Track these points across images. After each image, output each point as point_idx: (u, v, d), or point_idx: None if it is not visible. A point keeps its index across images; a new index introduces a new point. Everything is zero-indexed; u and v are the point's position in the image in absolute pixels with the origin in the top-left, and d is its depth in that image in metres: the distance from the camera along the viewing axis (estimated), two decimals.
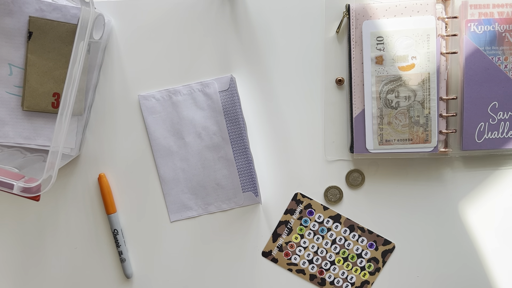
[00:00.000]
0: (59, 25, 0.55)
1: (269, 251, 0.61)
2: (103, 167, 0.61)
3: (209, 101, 0.60)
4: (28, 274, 0.62)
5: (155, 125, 0.60)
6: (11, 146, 0.58)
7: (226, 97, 0.60)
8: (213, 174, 0.59)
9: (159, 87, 0.60)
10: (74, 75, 0.48)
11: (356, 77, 0.58)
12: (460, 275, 0.61)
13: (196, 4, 0.60)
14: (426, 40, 0.56)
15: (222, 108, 0.60)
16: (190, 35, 0.60)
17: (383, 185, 0.60)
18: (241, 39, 0.60)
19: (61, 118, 0.48)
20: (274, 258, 0.61)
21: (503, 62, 0.56)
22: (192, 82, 0.60)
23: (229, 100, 0.60)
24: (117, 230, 0.61)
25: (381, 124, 0.57)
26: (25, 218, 0.62)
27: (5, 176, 0.48)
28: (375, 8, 0.56)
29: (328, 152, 0.60)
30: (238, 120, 0.60)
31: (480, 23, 0.56)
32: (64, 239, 0.62)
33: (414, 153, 0.58)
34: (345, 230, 0.61)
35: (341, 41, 0.59)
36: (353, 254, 0.61)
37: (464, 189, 0.60)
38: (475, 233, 0.61)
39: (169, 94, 0.60)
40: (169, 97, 0.60)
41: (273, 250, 0.61)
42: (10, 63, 0.56)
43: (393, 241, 0.61)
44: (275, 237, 0.61)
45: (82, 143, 0.61)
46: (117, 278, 0.62)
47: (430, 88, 0.56)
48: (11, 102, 0.57)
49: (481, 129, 0.57)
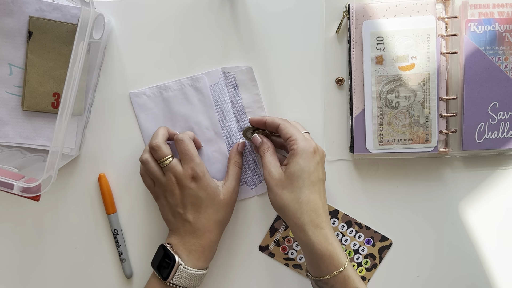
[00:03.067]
0: (59, 25, 0.55)
1: (266, 246, 0.61)
2: (103, 167, 0.61)
3: (200, 96, 0.59)
4: (28, 274, 0.62)
5: (148, 122, 0.60)
6: (11, 146, 0.58)
7: (217, 91, 0.60)
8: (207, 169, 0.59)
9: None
10: (74, 75, 0.48)
11: (356, 77, 0.58)
12: (460, 275, 0.61)
13: (196, 4, 0.60)
14: (426, 40, 0.56)
15: (214, 102, 0.59)
16: (190, 35, 0.60)
17: (383, 185, 0.60)
18: (241, 39, 0.60)
19: (61, 118, 0.48)
20: (271, 253, 0.61)
21: (503, 62, 0.56)
22: (182, 77, 0.60)
23: (220, 94, 0.59)
24: (117, 230, 0.61)
25: (381, 124, 0.57)
26: (25, 218, 0.62)
27: (5, 176, 0.48)
28: (375, 8, 0.56)
29: (328, 152, 0.60)
30: (229, 113, 0.59)
31: (480, 23, 0.56)
32: (64, 239, 0.62)
33: (414, 153, 0.58)
34: (343, 225, 0.61)
35: (341, 41, 0.59)
36: (350, 250, 0.61)
37: (464, 189, 0.60)
38: (475, 233, 0.61)
39: (160, 90, 0.60)
40: (160, 93, 0.60)
41: (270, 244, 0.61)
42: (10, 63, 0.56)
43: (392, 240, 0.61)
44: (272, 232, 0.61)
45: (82, 143, 0.61)
46: (117, 278, 0.62)
47: (430, 88, 0.56)
48: (11, 102, 0.57)
49: (481, 129, 0.57)
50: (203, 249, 0.55)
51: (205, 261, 0.55)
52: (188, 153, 0.55)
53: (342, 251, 0.52)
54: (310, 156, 0.52)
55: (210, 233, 0.55)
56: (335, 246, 0.51)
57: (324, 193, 0.53)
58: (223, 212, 0.56)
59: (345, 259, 0.51)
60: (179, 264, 0.53)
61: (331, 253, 0.50)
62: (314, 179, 0.52)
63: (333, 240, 0.51)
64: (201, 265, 0.55)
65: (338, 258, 0.51)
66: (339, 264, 0.50)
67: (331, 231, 0.52)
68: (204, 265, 0.55)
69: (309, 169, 0.52)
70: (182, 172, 0.55)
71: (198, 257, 0.54)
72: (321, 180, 0.53)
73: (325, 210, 0.52)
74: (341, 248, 0.52)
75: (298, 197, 0.51)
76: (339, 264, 0.50)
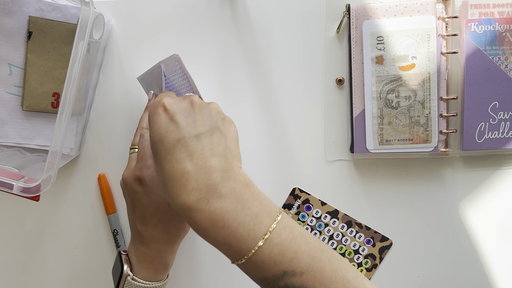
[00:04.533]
0: (59, 25, 0.55)
1: None
2: (103, 167, 0.61)
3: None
4: (28, 274, 0.62)
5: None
6: (10, 146, 0.58)
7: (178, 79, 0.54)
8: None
9: None
10: (74, 75, 0.48)
11: (356, 77, 0.58)
12: (460, 275, 0.61)
13: (196, 4, 0.59)
14: (426, 40, 0.56)
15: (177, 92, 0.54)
16: (190, 35, 0.60)
17: (383, 185, 0.60)
18: (241, 39, 0.60)
19: (61, 118, 0.48)
20: None
21: (503, 62, 0.56)
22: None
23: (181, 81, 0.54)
24: (117, 230, 0.61)
25: (382, 124, 0.57)
26: (25, 218, 0.62)
27: (5, 176, 0.48)
28: (375, 8, 0.56)
29: (328, 152, 0.60)
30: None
31: (481, 23, 0.55)
32: (64, 239, 0.62)
33: (414, 153, 0.58)
34: (343, 226, 0.61)
35: (341, 41, 0.59)
36: (350, 250, 0.61)
37: (465, 189, 0.60)
38: (476, 233, 0.61)
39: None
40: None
41: None
42: (10, 63, 0.56)
43: (392, 240, 0.61)
44: None
45: (82, 143, 0.61)
46: None
47: (431, 88, 0.56)
48: (11, 102, 0.57)
49: (481, 129, 0.57)
50: (152, 259, 0.48)
51: (156, 273, 0.49)
52: (141, 150, 0.47)
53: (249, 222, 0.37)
54: (152, 119, 0.39)
55: (157, 243, 0.48)
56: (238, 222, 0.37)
57: (198, 152, 0.37)
58: (172, 222, 0.48)
59: (258, 235, 0.37)
60: (127, 274, 0.48)
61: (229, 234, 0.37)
62: (168, 144, 0.37)
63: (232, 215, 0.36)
64: (151, 277, 0.49)
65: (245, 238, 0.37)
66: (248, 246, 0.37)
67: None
68: (156, 277, 0.49)
69: (154, 138, 0.38)
70: (130, 171, 0.48)
71: (147, 268, 0.48)
72: (182, 138, 0.37)
73: (204, 174, 0.36)
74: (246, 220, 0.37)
75: (159, 181, 0.38)
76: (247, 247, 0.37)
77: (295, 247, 0.37)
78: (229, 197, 0.36)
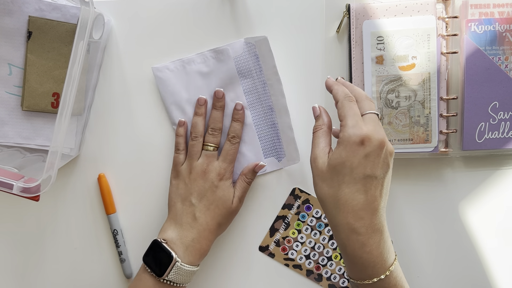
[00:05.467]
0: (59, 25, 0.55)
1: (266, 246, 0.61)
2: (103, 167, 0.61)
3: (224, 68, 0.58)
4: (28, 275, 0.62)
5: (171, 97, 0.59)
6: (10, 146, 0.58)
7: (240, 62, 0.59)
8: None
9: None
10: (74, 75, 0.48)
11: (356, 77, 0.58)
12: (461, 275, 0.61)
13: (196, 4, 0.59)
14: (426, 40, 0.56)
15: (238, 74, 0.59)
16: (190, 35, 0.60)
17: None
18: (241, 39, 0.60)
19: (61, 118, 0.48)
20: (271, 253, 0.61)
21: (503, 62, 0.56)
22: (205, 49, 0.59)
23: (244, 66, 0.59)
24: (117, 230, 0.61)
25: (382, 124, 0.57)
26: (25, 218, 0.62)
27: (5, 176, 0.48)
28: (375, 8, 0.56)
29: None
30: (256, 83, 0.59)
31: (481, 23, 0.55)
32: (64, 239, 0.62)
33: (414, 153, 0.58)
34: None
35: (341, 41, 0.59)
36: None
37: (465, 189, 0.60)
38: (476, 233, 0.60)
39: (183, 64, 0.59)
40: (183, 67, 0.59)
41: (270, 245, 0.61)
42: (10, 63, 0.56)
43: (392, 240, 0.61)
44: (272, 232, 0.61)
45: (82, 143, 0.61)
46: (117, 278, 0.62)
47: (431, 88, 0.56)
48: (11, 102, 0.56)
49: (481, 129, 0.57)
50: (200, 246, 0.55)
51: (200, 258, 0.55)
52: (232, 154, 0.57)
53: (384, 260, 0.45)
54: (353, 148, 0.44)
55: (209, 232, 0.55)
56: (373, 255, 0.45)
57: (376, 192, 0.45)
58: (227, 218, 0.57)
59: (384, 270, 0.45)
60: (176, 261, 0.53)
61: (364, 261, 0.45)
62: (357, 175, 0.44)
63: (374, 247, 0.44)
64: (196, 262, 0.55)
65: (373, 268, 0.45)
66: (374, 274, 0.45)
67: (374, 238, 0.45)
68: (198, 262, 0.55)
69: (351, 164, 0.44)
70: (216, 166, 0.56)
71: (194, 254, 0.54)
72: (370, 176, 0.44)
73: (371, 212, 0.45)
74: (383, 257, 0.45)
75: (336, 195, 0.45)
76: (373, 274, 0.45)
77: (405, 284, 0.48)
78: (372, 234, 0.45)
